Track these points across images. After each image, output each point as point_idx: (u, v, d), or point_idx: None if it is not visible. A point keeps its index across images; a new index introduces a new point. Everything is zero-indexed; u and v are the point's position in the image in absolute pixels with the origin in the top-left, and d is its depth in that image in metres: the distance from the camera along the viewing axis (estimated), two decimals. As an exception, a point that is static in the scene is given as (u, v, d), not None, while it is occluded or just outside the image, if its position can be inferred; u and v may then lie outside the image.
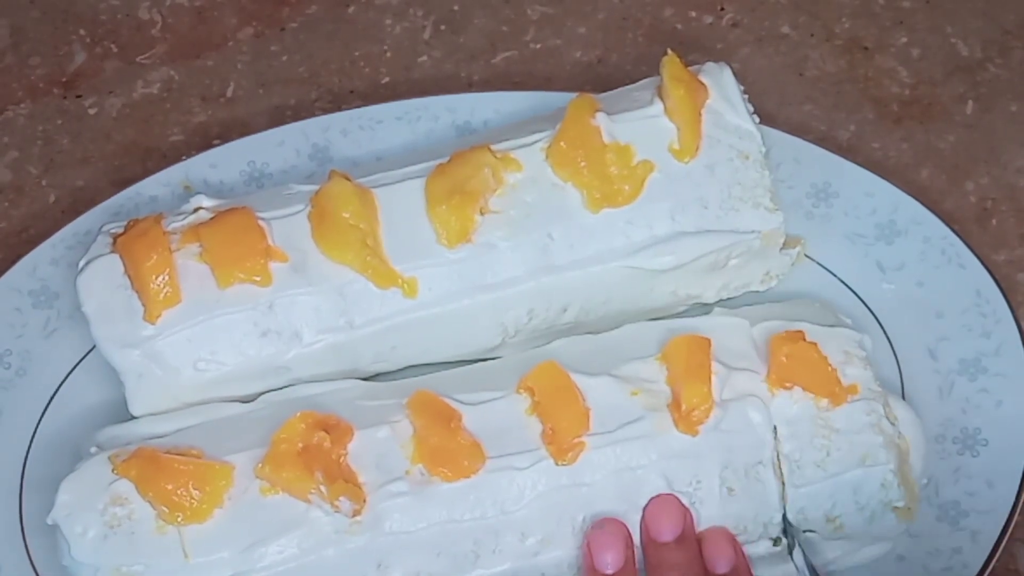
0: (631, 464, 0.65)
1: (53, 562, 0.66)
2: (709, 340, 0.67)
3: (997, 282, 0.74)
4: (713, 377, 0.66)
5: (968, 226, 0.81)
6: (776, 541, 0.66)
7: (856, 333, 0.70)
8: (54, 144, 0.88)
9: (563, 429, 0.65)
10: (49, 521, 0.64)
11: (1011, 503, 0.68)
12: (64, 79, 0.90)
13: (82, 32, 0.93)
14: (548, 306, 0.72)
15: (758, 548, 0.66)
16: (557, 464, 0.65)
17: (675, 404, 0.66)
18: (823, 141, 0.82)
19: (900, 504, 0.66)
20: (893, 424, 0.67)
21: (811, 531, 0.66)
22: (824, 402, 0.66)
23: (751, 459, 0.65)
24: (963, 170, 0.84)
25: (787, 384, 0.67)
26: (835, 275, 0.76)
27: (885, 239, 0.76)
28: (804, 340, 0.67)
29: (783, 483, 0.66)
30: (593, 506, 0.65)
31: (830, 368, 0.67)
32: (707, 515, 0.65)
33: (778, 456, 0.66)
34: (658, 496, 0.65)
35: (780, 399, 0.67)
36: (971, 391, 0.72)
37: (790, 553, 0.66)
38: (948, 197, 0.82)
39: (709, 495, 0.65)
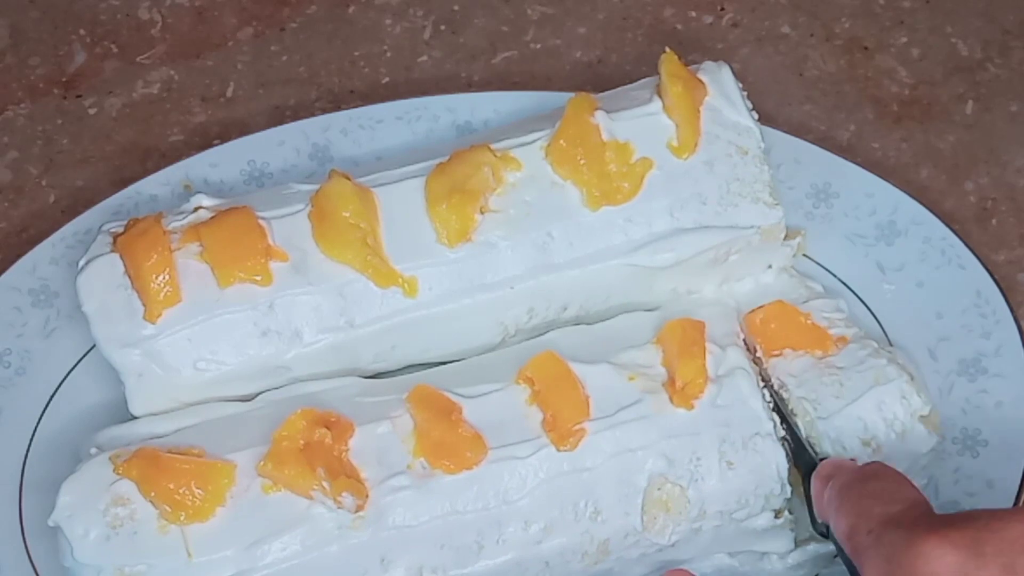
0: (631, 446, 0.65)
1: (54, 563, 0.66)
2: (703, 322, 0.69)
3: (997, 282, 0.74)
4: (707, 356, 0.67)
5: (968, 226, 0.81)
6: (778, 513, 0.67)
7: (831, 299, 0.72)
8: (54, 144, 0.88)
9: (563, 416, 0.65)
10: (51, 523, 0.64)
11: (1011, 503, 0.68)
12: (64, 79, 0.90)
13: (82, 32, 0.92)
14: (548, 305, 0.72)
15: (760, 521, 0.67)
16: (558, 451, 0.65)
17: (670, 382, 0.67)
18: (823, 141, 0.82)
19: (925, 412, 0.68)
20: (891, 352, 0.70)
21: (852, 459, 0.66)
22: (819, 352, 0.69)
23: (748, 431, 0.66)
24: (963, 170, 0.84)
25: (776, 352, 0.70)
26: (835, 275, 0.76)
27: (885, 239, 0.76)
28: (782, 303, 0.71)
29: (811, 420, 0.67)
30: (595, 491, 0.65)
31: (813, 322, 0.71)
32: (708, 490, 0.66)
33: (789, 408, 0.68)
34: (671, 572, 0.62)
35: (777, 362, 0.70)
36: (971, 392, 0.72)
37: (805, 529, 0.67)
38: (948, 197, 0.82)
39: (709, 471, 0.65)
